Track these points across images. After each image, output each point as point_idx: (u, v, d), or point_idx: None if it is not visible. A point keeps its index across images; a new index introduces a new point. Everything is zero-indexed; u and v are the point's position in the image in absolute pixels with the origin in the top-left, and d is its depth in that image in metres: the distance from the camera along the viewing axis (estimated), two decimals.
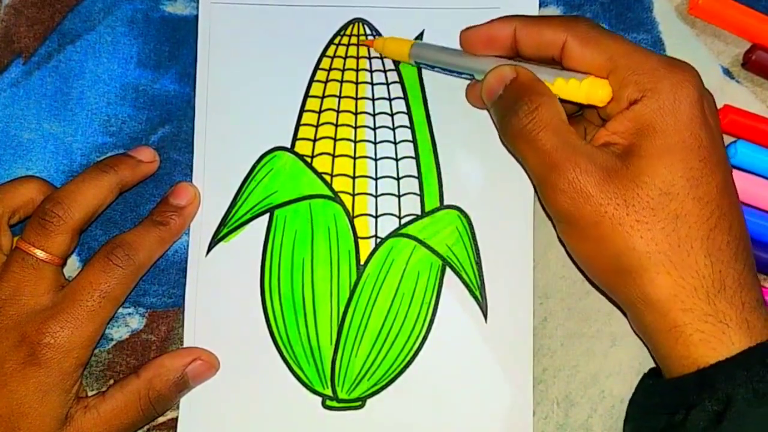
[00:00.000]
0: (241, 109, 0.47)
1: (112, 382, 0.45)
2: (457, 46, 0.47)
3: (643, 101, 0.38)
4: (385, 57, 0.47)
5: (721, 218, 0.37)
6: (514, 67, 0.41)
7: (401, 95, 0.47)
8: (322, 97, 0.47)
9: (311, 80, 0.47)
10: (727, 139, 0.47)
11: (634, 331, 0.43)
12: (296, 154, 0.46)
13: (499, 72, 0.41)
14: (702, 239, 0.37)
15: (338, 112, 0.47)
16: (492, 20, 0.43)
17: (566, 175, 0.37)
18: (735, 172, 0.45)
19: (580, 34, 0.40)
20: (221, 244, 0.46)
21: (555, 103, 0.39)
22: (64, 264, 0.43)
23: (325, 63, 0.47)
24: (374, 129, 0.47)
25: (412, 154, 0.46)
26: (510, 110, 0.39)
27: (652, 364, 0.45)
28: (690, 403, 0.36)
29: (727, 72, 0.48)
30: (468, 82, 0.46)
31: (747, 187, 0.45)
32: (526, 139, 0.39)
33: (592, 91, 0.39)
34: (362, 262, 0.46)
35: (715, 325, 0.36)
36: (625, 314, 0.41)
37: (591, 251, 0.38)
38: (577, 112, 0.44)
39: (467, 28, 0.44)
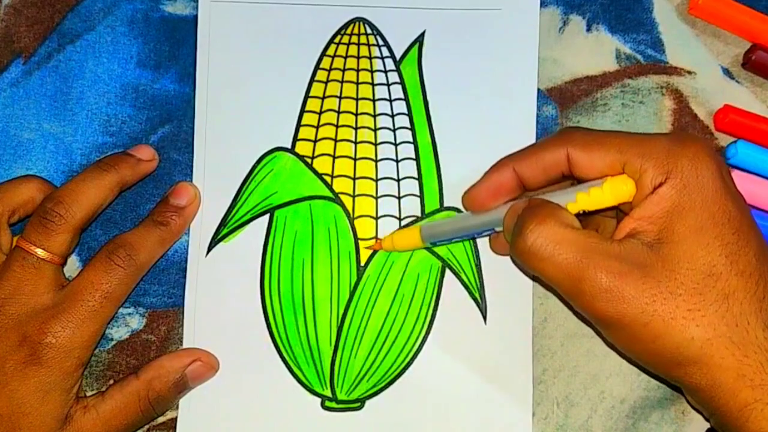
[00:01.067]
0: (241, 109, 0.47)
1: (112, 382, 0.45)
2: (459, 47, 0.47)
3: (668, 183, 0.37)
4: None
5: (767, 286, 0.37)
6: (527, 200, 0.40)
7: (402, 96, 0.47)
8: (323, 98, 0.47)
9: (312, 80, 0.47)
10: (727, 139, 0.47)
11: (692, 407, 0.43)
12: (297, 154, 0.46)
13: (513, 208, 0.40)
14: (756, 312, 0.36)
15: (339, 112, 0.47)
16: (488, 171, 0.42)
17: (599, 284, 0.36)
18: (735, 172, 0.45)
19: (578, 142, 0.39)
20: (221, 244, 0.46)
21: (561, 212, 0.38)
22: (64, 263, 0.43)
23: (326, 63, 0.47)
24: (375, 130, 0.47)
25: (413, 156, 0.46)
26: (515, 232, 0.38)
27: None
28: None
29: (727, 72, 0.48)
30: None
31: (747, 187, 0.45)
32: (539, 256, 0.37)
33: (617, 190, 0.38)
34: (362, 264, 0.46)
35: None
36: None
37: (648, 350, 0.37)
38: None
39: (467, 190, 0.43)
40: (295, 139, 0.47)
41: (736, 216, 0.37)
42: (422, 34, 0.47)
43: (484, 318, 0.45)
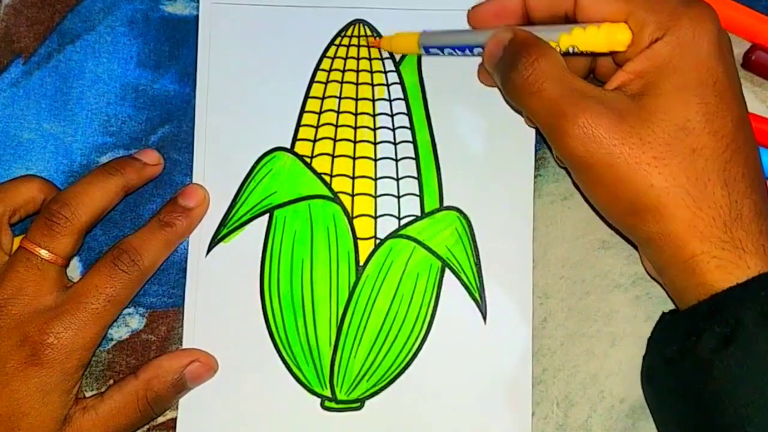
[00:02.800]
0: (241, 109, 0.47)
1: (111, 382, 0.45)
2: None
3: (664, 39, 0.38)
4: (394, 52, 0.47)
5: (736, 151, 0.37)
6: (511, 28, 0.41)
7: (401, 96, 0.47)
8: (323, 98, 0.47)
9: (311, 81, 0.47)
10: None
11: (648, 274, 0.44)
12: (296, 154, 0.46)
13: (495, 36, 0.41)
14: (718, 171, 0.37)
15: (338, 112, 0.47)
16: None
17: (576, 121, 0.37)
18: None
19: None
20: (221, 244, 0.46)
21: (554, 53, 0.39)
22: (67, 265, 0.43)
23: (326, 64, 0.47)
24: (374, 130, 0.47)
25: (412, 155, 0.46)
26: (510, 66, 0.39)
27: None
28: (701, 328, 0.36)
29: None
30: (478, 63, 0.46)
31: None
32: (529, 91, 0.38)
33: (612, 35, 0.38)
34: (362, 263, 0.46)
35: (732, 252, 0.36)
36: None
37: (608, 194, 0.38)
38: (587, 75, 0.44)
39: (475, 6, 0.44)
40: (295, 139, 0.47)
41: (723, 81, 0.38)
42: None
43: (484, 318, 0.45)
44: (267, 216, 0.46)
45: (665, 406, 0.40)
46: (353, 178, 0.46)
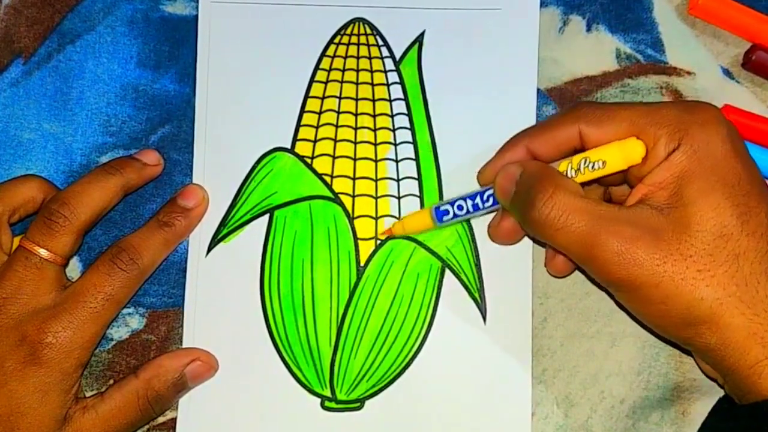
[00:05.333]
0: (241, 109, 0.47)
1: (111, 382, 0.45)
2: (459, 47, 0.47)
3: (680, 149, 0.37)
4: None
5: None
6: (521, 162, 0.40)
7: (401, 96, 0.47)
8: (323, 98, 0.47)
9: (311, 80, 0.47)
10: None
11: (704, 374, 0.43)
12: (296, 154, 0.46)
13: (505, 170, 0.41)
14: (766, 272, 0.36)
15: (338, 113, 0.47)
16: (501, 149, 0.43)
17: (611, 248, 0.36)
18: None
19: (590, 117, 0.40)
20: (221, 244, 0.46)
21: (569, 182, 0.39)
22: (66, 264, 0.43)
23: (326, 63, 0.47)
24: (374, 130, 0.47)
25: (412, 156, 0.46)
26: (527, 205, 0.39)
27: (651, 364, 0.45)
28: (765, 430, 0.36)
29: (727, 72, 0.48)
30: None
31: None
32: (554, 227, 0.38)
33: (625, 149, 0.38)
34: (362, 264, 0.46)
35: None
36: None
37: (659, 311, 0.37)
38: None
39: (481, 168, 0.44)
40: (295, 139, 0.47)
41: (746, 178, 0.37)
42: (422, 34, 0.47)
43: (484, 318, 0.45)
44: (267, 216, 0.46)
45: None
46: (354, 179, 0.46)
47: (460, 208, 0.44)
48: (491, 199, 0.42)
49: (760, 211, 0.37)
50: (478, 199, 0.43)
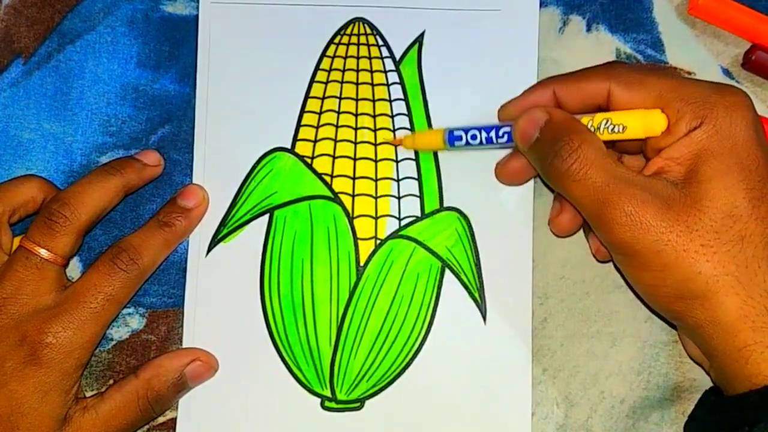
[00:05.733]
0: (241, 109, 0.47)
1: (111, 382, 0.45)
2: (458, 47, 0.47)
3: (701, 127, 0.38)
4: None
5: None
6: (546, 109, 0.41)
7: (401, 96, 0.47)
8: (323, 98, 0.47)
9: (312, 81, 0.47)
10: None
11: (691, 358, 0.43)
12: (296, 154, 0.46)
13: (530, 115, 0.41)
14: (767, 258, 0.37)
15: (338, 113, 0.47)
16: (529, 89, 0.43)
17: (623, 208, 0.37)
18: None
19: (623, 78, 0.40)
20: (221, 244, 0.46)
21: (596, 139, 0.39)
22: (66, 264, 0.43)
23: (326, 63, 0.47)
24: (374, 130, 0.47)
25: (412, 156, 0.46)
26: (551, 152, 0.39)
27: (652, 364, 0.45)
28: (753, 419, 0.35)
29: (727, 72, 0.48)
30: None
31: None
32: (573, 178, 0.38)
33: (648, 119, 0.39)
34: (362, 264, 0.46)
35: None
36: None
37: (655, 280, 0.38)
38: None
39: (505, 103, 0.44)
40: (295, 139, 0.47)
41: (764, 165, 0.38)
42: (422, 35, 0.47)
43: (484, 318, 0.45)
44: (267, 216, 0.46)
45: None
46: (354, 178, 0.46)
47: (474, 137, 0.44)
48: (506, 137, 0.42)
49: None
50: (493, 133, 0.43)
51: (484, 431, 0.45)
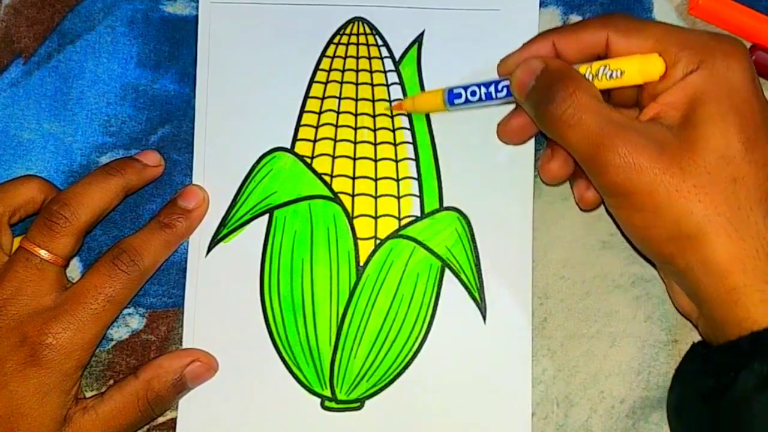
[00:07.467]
0: (241, 109, 0.47)
1: (111, 382, 0.45)
2: (458, 47, 0.47)
3: (698, 71, 0.38)
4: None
5: None
6: (542, 58, 0.41)
7: (401, 97, 0.47)
8: (322, 98, 0.47)
9: (311, 81, 0.47)
10: None
11: (679, 312, 0.43)
12: (296, 154, 0.46)
13: (527, 64, 0.41)
14: (760, 201, 0.37)
15: (338, 113, 0.47)
16: (527, 42, 0.43)
17: (617, 151, 0.37)
18: None
19: (620, 26, 0.40)
20: (221, 244, 0.46)
21: (591, 85, 0.39)
22: (67, 265, 0.43)
23: (325, 63, 0.47)
24: (374, 130, 0.47)
25: (412, 156, 0.46)
26: (545, 98, 0.39)
27: (651, 364, 0.45)
28: (740, 365, 0.35)
29: None
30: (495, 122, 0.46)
31: None
32: (568, 123, 0.38)
33: (645, 64, 0.39)
34: (362, 263, 0.46)
35: None
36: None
37: (647, 221, 0.38)
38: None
39: (504, 57, 0.44)
40: (295, 139, 0.47)
41: (759, 112, 0.38)
42: (421, 34, 0.47)
43: (484, 318, 0.45)
44: (267, 216, 0.46)
45: None
46: (353, 178, 0.46)
47: (473, 93, 0.44)
48: (505, 90, 0.43)
49: (766, 144, 0.37)
50: (492, 88, 0.43)
51: (484, 431, 0.45)
